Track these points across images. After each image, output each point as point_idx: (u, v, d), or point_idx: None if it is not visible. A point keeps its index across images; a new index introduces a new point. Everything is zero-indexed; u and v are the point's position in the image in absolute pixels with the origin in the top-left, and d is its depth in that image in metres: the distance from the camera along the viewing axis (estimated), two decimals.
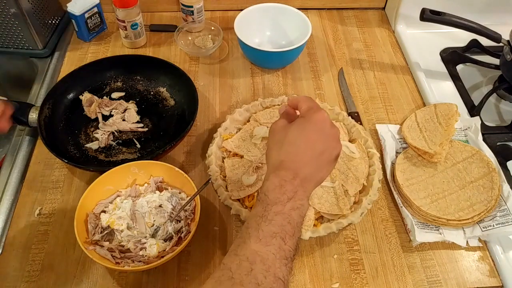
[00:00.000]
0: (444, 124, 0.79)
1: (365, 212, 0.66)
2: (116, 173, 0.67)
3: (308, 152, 0.53)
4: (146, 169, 0.69)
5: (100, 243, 0.62)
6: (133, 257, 0.61)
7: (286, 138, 0.54)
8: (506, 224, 0.67)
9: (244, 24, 0.92)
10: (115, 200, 0.66)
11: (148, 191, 0.68)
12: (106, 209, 0.65)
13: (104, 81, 0.88)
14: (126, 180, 0.68)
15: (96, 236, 0.62)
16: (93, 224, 0.63)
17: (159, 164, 0.69)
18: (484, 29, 0.85)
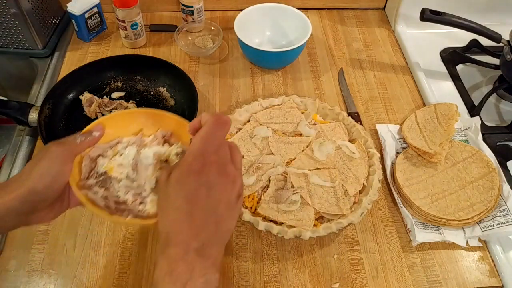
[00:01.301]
0: (444, 124, 0.79)
1: (365, 212, 0.66)
2: (121, 118, 0.59)
3: (197, 213, 0.42)
4: (155, 120, 0.61)
5: (94, 189, 0.54)
6: (129, 211, 0.53)
7: (169, 201, 0.43)
8: (506, 224, 0.67)
9: (244, 24, 0.92)
10: (116, 146, 0.58)
11: (154, 143, 0.60)
12: (104, 154, 0.57)
13: (104, 81, 0.88)
14: (130, 127, 0.60)
15: (90, 180, 0.53)
16: (88, 167, 0.55)
17: (171, 116, 0.61)
18: (484, 29, 0.85)
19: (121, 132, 0.59)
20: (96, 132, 0.51)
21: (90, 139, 0.50)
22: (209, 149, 0.44)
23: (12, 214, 0.45)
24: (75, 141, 0.49)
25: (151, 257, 0.66)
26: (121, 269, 0.65)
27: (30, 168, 0.46)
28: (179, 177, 0.43)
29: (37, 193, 0.45)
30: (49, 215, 0.49)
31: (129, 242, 0.68)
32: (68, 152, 0.48)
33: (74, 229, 0.69)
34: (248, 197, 0.69)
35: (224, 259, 0.66)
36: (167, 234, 0.42)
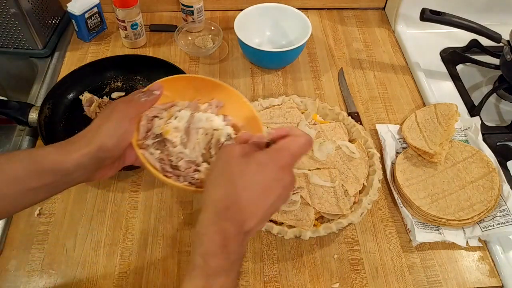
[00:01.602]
0: (444, 124, 0.79)
1: (365, 212, 0.66)
2: (178, 81, 0.59)
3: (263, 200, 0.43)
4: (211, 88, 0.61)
5: (150, 149, 0.54)
6: (183, 176, 0.54)
7: (243, 177, 0.43)
8: (506, 224, 0.67)
9: (244, 24, 0.92)
10: (171, 109, 0.58)
11: (208, 111, 0.59)
12: (160, 115, 0.57)
13: (104, 81, 0.88)
14: (186, 92, 0.60)
15: (148, 140, 0.54)
16: (145, 127, 0.55)
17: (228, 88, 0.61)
18: (484, 29, 0.85)
19: (177, 96, 0.59)
20: (156, 91, 0.52)
21: (152, 98, 0.51)
22: (297, 155, 0.46)
23: (81, 170, 0.46)
24: (140, 99, 0.50)
25: (151, 257, 0.66)
26: (121, 269, 0.65)
27: (98, 126, 0.47)
28: (265, 161, 0.44)
29: (106, 150, 0.47)
30: (109, 172, 0.52)
31: (129, 242, 0.68)
32: (134, 110, 0.50)
33: (74, 229, 0.69)
34: None
35: None
36: (227, 207, 0.42)
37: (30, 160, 0.45)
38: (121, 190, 0.74)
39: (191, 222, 0.70)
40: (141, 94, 0.51)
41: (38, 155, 0.46)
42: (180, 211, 0.71)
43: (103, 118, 0.48)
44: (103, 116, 0.48)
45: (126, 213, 0.71)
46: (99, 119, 0.48)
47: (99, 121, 0.48)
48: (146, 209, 0.71)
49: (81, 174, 0.47)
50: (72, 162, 0.46)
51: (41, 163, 0.45)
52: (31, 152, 0.47)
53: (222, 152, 0.47)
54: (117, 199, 0.73)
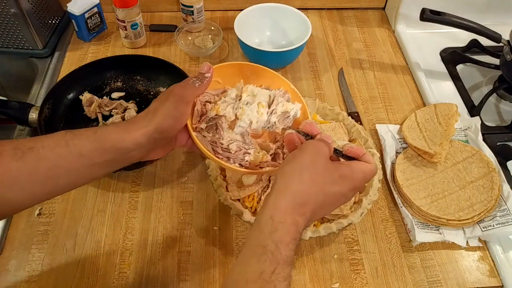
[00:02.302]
0: (444, 124, 0.79)
1: (365, 212, 0.66)
2: (228, 69, 0.62)
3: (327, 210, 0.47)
4: (258, 76, 0.63)
5: (203, 133, 0.57)
6: (233, 158, 0.57)
7: (326, 183, 0.46)
8: (506, 224, 0.67)
9: (244, 24, 0.92)
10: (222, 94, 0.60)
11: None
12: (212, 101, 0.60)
13: (104, 81, 0.88)
14: (236, 79, 0.62)
15: (202, 124, 0.57)
16: (199, 111, 0.58)
17: (274, 74, 0.63)
18: (484, 29, 0.85)
19: (227, 82, 0.61)
20: (207, 73, 0.53)
21: (206, 81, 0.53)
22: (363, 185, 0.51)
23: (138, 149, 0.49)
24: (194, 84, 0.52)
25: (151, 257, 0.66)
26: (121, 269, 0.65)
27: (156, 108, 0.50)
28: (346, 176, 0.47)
29: (162, 131, 0.49)
30: (161, 152, 0.55)
31: (129, 242, 0.68)
32: (190, 94, 0.52)
33: (74, 229, 0.69)
34: (248, 197, 0.69)
35: (224, 259, 0.66)
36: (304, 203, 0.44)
37: (94, 137, 0.48)
38: (121, 190, 0.74)
39: (191, 222, 0.70)
40: (195, 79, 0.53)
41: (102, 133, 0.48)
42: (180, 211, 0.71)
43: (160, 101, 0.50)
44: (160, 99, 0.51)
45: (126, 213, 0.71)
46: (157, 102, 0.51)
47: (157, 103, 0.50)
48: (146, 209, 0.71)
49: (138, 153, 0.50)
50: (131, 141, 0.48)
51: (104, 141, 0.48)
52: (96, 130, 0.49)
53: (312, 146, 0.48)
54: (117, 199, 0.73)
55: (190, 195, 0.73)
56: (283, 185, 0.45)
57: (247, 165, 0.57)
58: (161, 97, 0.51)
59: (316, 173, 0.46)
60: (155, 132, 0.49)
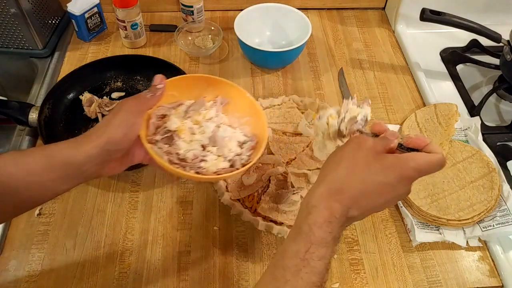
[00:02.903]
0: (444, 124, 0.79)
1: None
2: (184, 82, 0.63)
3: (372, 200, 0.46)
4: (214, 87, 0.64)
5: (158, 144, 0.58)
6: (190, 166, 0.58)
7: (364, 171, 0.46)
8: (506, 224, 0.67)
9: (244, 24, 0.92)
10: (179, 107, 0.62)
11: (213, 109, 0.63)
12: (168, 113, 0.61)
13: (104, 81, 0.88)
14: (192, 91, 0.63)
15: (157, 136, 0.58)
16: (155, 124, 0.59)
17: (230, 85, 0.64)
18: (484, 29, 0.85)
19: (183, 95, 0.62)
20: (160, 85, 0.55)
21: (157, 93, 0.54)
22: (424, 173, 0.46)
23: (91, 163, 0.49)
24: (146, 96, 0.54)
25: (151, 257, 0.66)
26: (121, 269, 0.65)
27: (108, 120, 0.51)
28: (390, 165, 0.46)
29: (114, 143, 0.50)
30: (118, 167, 0.55)
31: (129, 242, 0.68)
32: (141, 105, 0.53)
33: (74, 229, 0.69)
34: (248, 197, 0.69)
35: (224, 259, 0.66)
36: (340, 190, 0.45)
37: (43, 154, 0.48)
38: (121, 190, 0.74)
39: (191, 222, 0.70)
40: (147, 91, 0.54)
41: (51, 150, 0.49)
42: (180, 211, 0.71)
43: (113, 114, 0.51)
44: (113, 112, 0.52)
45: (126, 213, 0.71)
46: (109, 115, 0.52)
47: (109, 116, 0.52)
48: (146, 209, 0.71)
49: (91, 167, 0.50)
50: (82, 154, 0.48)
51: (53, 158, 0.48)
52: (46, 147, 0.50)
53: (354, 140, 0.49)
54: (117, 199, 0.73)
55: (190, 195, 0.73)
56: (323, 173, 0.48)
57: (203, 172, 0.57)
58: (113, 110, 0.52)
59: (354, 163, 0.47)
60: (107, 143, 0.49)
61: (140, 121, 0.53)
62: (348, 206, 0.45)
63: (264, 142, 0.60)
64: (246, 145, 0.62)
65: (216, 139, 0.61)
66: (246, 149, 0.62)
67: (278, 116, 0.79)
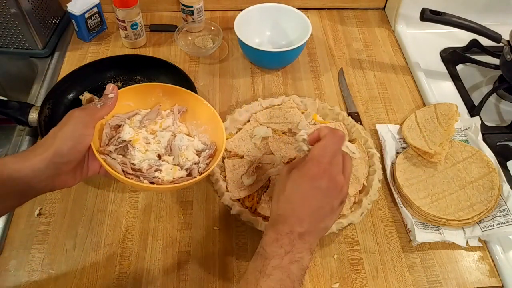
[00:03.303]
0: (444, 124, 0.79)
1: (365, 212, 0.66)
2: (139, 91, 0.63)
3: (305, 208, 0.51)
4: (171, 95, 0.65)
5: (112, 155, 0.58)
6: (145, 177, 0.58)
7: (284, 192, 0.52)
8: (506, 224, 0.67)
9: (244, 24, 0.92)
10: (134, 117, 0.62)
11: (170, 117, 0.64)
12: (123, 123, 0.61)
13: (104, 81, 0.88)
14: (148, 100, 0.64)
15: (110, 146, 0.58)
16: (108, 135, 0.59)
17: (188, 93, 0.65)
18: (484, 29, 0.85)
19: (139, 104, 0.62)
20: (111, 94, 0.54)
21: (108, 102, 0.53)
22: (325, 159, 0.51)
23: (39, 177, 0.48)
24: (96, 106, 0.53)
25: (151, 257, 0.66)
26: (121, 269, 0.65)
27: (54, 133, 0.49)
28: (297, 177, 0.52)
29: (61, 155, 0.48)
30: (71, 180, 0.53)
31: (129, 242, 0.68)
32: (90, 116, 0.52)
33: (74, 229, 0.69)
34: (248, 197, 0.69)
35: (224, 259, 0.66)
36: (278, 215, 0.51)
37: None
38: (121, 190, 0.74)
39: (191, 222, 0.70)
40: (97, 101, 0.53)
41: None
42: (180, 211, 0.71)
43: (60, 125, 0.50)
44: (60, 123, 0.50)
45: (126, 213, 0.71)
46: (56, 127, 0.50)
47: (56, 128, 0.50)
48: (146, 209, 0.71)
49: (40, 182, 0.48)
50: (29, 169, 0.47)
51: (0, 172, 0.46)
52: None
53: (280, 171, 0.57)
54: (117, 199, 0.73)
55: (190, 195, 0.73)
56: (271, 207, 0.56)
57: (158, 182, 0.58)
58: (61, 122, 0.50)
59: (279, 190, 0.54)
60: (55, 156, 0.48)
61: (90, 132, 0.51)
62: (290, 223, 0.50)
63: (222, 149, 0.61)
64: (204, 153, 0.63)
65: (172, 148, 0.61)
66: (204, 157, 0.62)
67: (278, 116, 0.79)
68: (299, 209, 0.51)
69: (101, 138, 0.59)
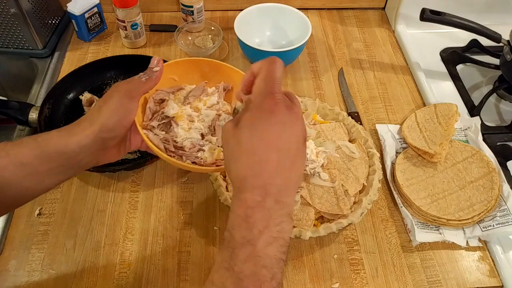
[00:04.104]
0: (444, 124, 0.79)
1: (365, 212, 0.66)
2: (184, 65, 0.59)
3: (272, 155, 0.41)
4: (217, 71, 0.60)
5: (155, 131, 0.55)
6: (187, 156, 0.55)
7: (241, 146, 0.41)
8: (506, 224, 0.67)
9: (244, 24, 0.92)
10: (179, 92, 0.59)
11: (215, 95, 0.60)
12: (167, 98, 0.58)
13: (104, 81, 0.88)
14: (193, 76, 0.60)
15: (153, 122, 0.55)
16: (152, 109, 0.56)
17: (234, 70, 0.61)
18: (484, 29, 0.85)
19: (184, 80, 0.59)
20: (156, 67, 0.51)
21: (153, 76, 0.51)
22: (274, 89, 0.43)
23: (85, 152, 0.47)
24: (140, 79, 0.50)
25: (151, 257, 0.66)
26: (121, 269, 0.65)
27: (99, 107, 0.48)
28: (250, 119, 0.42)
29: (108, 130, 0.47)
30: (116, 155, 0.52)
31: (129, 242, 0.68)
32: (135, 89, 0.49)
33: (74, 229, 0.69)
34: None
35: None
36: (242, 179, 0.41)
37: (35, 144, 0.46)
38: (121, 190, 0.74)
39: (191, 222, 0.70)
40: (142, 74, 0.51)
41: (43, 139, 0.46)
42: (180, 211, 0.71)
43: (105, 99, 0.48)
44: (104, 97, 0.49)
45: (126, 213, 0.71)
46: (100, 101, 0.49)
47: (101, 102, 0.48)
48: (146, 209, 0.72)
49: (86, 156, 0.47)
50: (75, 144, 0.46)
51: (45, 147, 0.45)
52: (37, 137, 0.46)
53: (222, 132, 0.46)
54: (117, 199, 0.73)
55: (190, 195, 0.73)
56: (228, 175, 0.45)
57: (201, 163, 0.54)
58: (105, 95, 0.49)
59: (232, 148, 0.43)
60: (101, 131, 0.46)
61: (134, 107, 0.49)
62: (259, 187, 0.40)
63: None
64: None
65: (216, 128, 0.57)
66: None
67: None
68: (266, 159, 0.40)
69: (144, 112, 0.56)
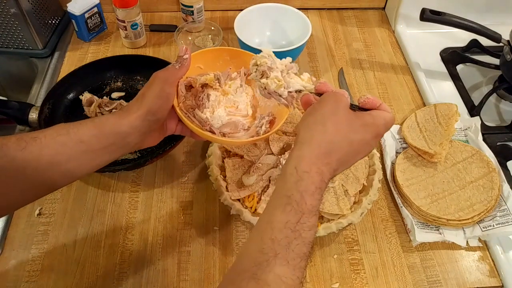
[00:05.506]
0: (444, 124, 0.79)
1: (365, 212, 0.66)
2: (208, 55, 0.64)
3: (354, 158, 0.48)
4: (239, 58, 0.65)
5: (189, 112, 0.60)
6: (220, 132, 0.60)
7: (350, 132, 0.47)
8: (506, 224, 0.67)
9: (244, 24, 0.92)
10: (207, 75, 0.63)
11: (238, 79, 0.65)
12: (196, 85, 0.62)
13: (104, 81, 0.88)
14: (217, 64, 0.65)
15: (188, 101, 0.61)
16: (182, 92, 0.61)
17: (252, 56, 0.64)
18: (484, 29, 0.85)
19: (208, 68, 0.64)
20: (185, 55, 0.56)
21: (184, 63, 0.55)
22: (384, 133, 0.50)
23: (135, 133, 0.52)
24: (175, 67, 0.55)
25: (151, 257, 0.66)
26: (121, 269, 0.65)
27: (143, 93, 0.53)
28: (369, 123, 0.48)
29: (154, 113, 0.52)
30: (156, 139, 0.58)
31: (129, 242, 0.68)
32: (172, 76, 0.55)
33: (74, 229, 0.69)
34: (248, 197, 0.69)
35: (224, 259, 0.66)
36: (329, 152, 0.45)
37: (93, 124, 0.51)
38: (121, 190, 0.74)
39: (191, 222, 0.70)
40: (175, 62, 0.56)
41: (100, 120, 0.51)
42: (180, 211, 0.71)
43: (147, 86, 0.53)
44: (147, 85, 0.53)
45: (126, 213, 0.71)
46: (144, 88, 0.53)
47: (144, 89, 0.53)
48: (146, 209, 0.72)
49: (135, 138, 0.52)
50: (128, 125, 0.51)
51: (102, 127, 0.50)
52: (94, 119, 0.52)
53: (331, 96, 0.49)
54: (117, 199, 0.73)
55: (190, 195, 0.73)
56: (307, 136, 0.46)
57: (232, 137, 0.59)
58: (147, 83, 0.54)
59: (338, 122, 0.46)
60: (148, 114, 0.51)
61: (174, 91, 0.55)
62: (335, 168, 0.45)
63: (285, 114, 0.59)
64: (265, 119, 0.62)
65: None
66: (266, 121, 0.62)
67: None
68: (352, 156, 0.47)
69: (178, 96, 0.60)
